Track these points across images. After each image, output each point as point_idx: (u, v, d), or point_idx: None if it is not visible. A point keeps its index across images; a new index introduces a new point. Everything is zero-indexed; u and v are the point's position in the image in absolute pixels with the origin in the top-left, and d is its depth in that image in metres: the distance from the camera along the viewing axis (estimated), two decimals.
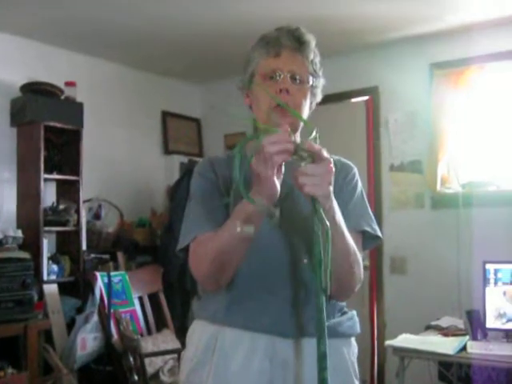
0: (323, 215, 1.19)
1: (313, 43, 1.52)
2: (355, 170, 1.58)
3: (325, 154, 1.19)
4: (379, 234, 1.52)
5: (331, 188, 1.22)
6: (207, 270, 1.37)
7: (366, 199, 1.58)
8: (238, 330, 1.42)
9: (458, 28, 3.80)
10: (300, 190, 1.19)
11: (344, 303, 1.53)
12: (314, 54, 1.52)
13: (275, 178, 1.20)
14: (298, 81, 1.46)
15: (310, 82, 1.49)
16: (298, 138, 1.50)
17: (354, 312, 1.55)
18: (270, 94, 1.41)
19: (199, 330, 1.49)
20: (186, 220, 1.49)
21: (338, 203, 1.38)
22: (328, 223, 1.18)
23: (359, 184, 1.57)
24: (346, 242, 1.34)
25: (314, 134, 1.21)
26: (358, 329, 1.53)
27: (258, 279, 1.42)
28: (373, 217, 1.55)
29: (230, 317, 1.43)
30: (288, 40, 1.47)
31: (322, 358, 1.21)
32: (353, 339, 1.53)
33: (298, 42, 1.48)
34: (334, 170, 1.21)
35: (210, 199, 1.47)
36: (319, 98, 1.56)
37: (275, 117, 1.41)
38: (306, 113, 1.50)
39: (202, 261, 1.38)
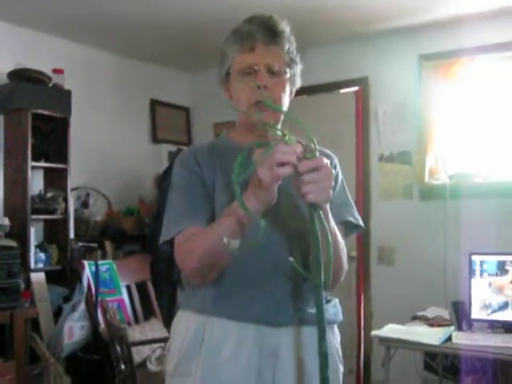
0: (322, 217, 1.23)
1: (287, 31, 1.49)
2: (336, 159, 1.61)
3: (324, 160, 1.21)
4: (361, 223, 1.58)
5: (331, 192, 1.24)
6: (194, 266, 1.38)
7: (346, 188, 1.61)
8: (227, 321, 1.43)
9: (448, 20, 3.81)
10: (302, 198, 1.22)
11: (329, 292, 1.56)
12: (289, 43, 1.50)
13: (275, 187, 1.23)
14: (275, 74, 1.46)
15: (288, 74, 1.49)
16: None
17: (337, 300, 1.58)
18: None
19: (186, 320, 1.49)
20: (168, 212, 1.49)
21: None
22: (326, 225, 1.23)
23: (340, 174, 1.60)
24: (335, 236, 1.38)
25: (313, 142, 1.21)
26: (341, 316, 1.57)
27: (245, 274, 1.43)
28: (354, 205, 1.59)
29: (217, 307, 1.43)
30: (261, 33, 1.45)
31: (323, 357, 1.24)
32: (335, 326, 1.57)
33: (271, 34, 1.46)
34: (333, 172, 1.24)
35: (193, 191, 1.47)
36: (299, 83, 1.56)
37: (258, 113, 1.42)
38: (286, 103, 1.50)
39: (188, 257, 1.38)
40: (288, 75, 1.49)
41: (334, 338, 1.55)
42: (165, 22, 3.93)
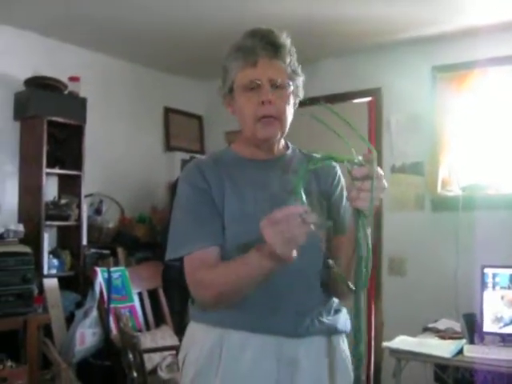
0: (366, 225, 1.24)
1: (288, 44, 1.50)
2: (337, 168, 1.62)
3: (380, 172, 1.24)
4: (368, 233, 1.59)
5: (378, 203, 1.26)
6: (211, 298, 1.41)
7: None
8: (245, 333, 1.43)
9: (462, 31, 3.80)
10: (351, 202, 1.24)
11: (337, 301, 1.57)
12: (290, 55, 1.50)
13: None
14: (278, 87, 1.46)
15: (291, 86, 1.49)
16: (281, 141, 1.57)
17: (345, 309, 1.59)
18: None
19: (201, 333, 1.49)
20: (174, 229, 1.49)
21: (331, 211, 1.51)
22: (369, 233, 1.24)
23: (343, 183, 1.61)
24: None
25: (373, 155, 1.24)
26: (349, 324, 1.58)
27: (263, 286, 1.42)
28: None
29: (235, 320, 1.44)
30: (263, 48, 1.45)
31: (358, 361, 1.27)
32: (345, 336, 1.57)
33: (273, 48, 1.47)
34: (386, 186, 1.26)
35: (201, 210, 1.46)
36: (301, 94, 1.56)
37: (261, 127, 1.45)
38: (290, 116, 1.51)
39: (206, 289, 1.40)
40: (291, 88, 1.49)
41: (345, 346, 1.56)
42: (180, 32, 3.97)
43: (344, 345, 1.55)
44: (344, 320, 1.55)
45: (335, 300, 1.55)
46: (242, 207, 1.44)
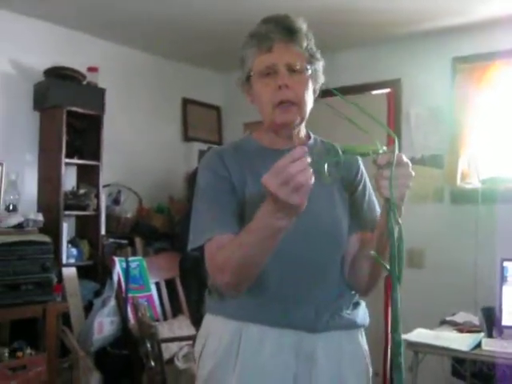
0: (396, 214, 1.21)
1: (304, 28, 1.47)
2: (360, 162, 1.59)
3: (404, 158, 1.22)
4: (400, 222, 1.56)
5: (406, 191, 1.24)
6: (229, 278, 1.33)
7: (372, 189, 1.58)
8: (264, 327, 1.42)
9: (483, 22, 3.75)
10: (379, 192, 1.23)
11: (356, 295, 1.56)
12: (307, 40, 1.47)
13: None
14: (296, 72, 1.43)
15: (309, 71, 1.46)
16: (302, 130, 1.53)
17: (364, 303, 1.58)
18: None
19: (219, 327, 1.48)
20: (196, 218, 1.46)
21: (354, 205, 1.50)
22: (400, 222, 1.21)
23: (366, 176, 1.58)
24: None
25: (396, 143, 1.22)
26: (368, 319, 1.57)
27: (283, 279, 1.42)
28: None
29: (255, 314, 1.43)
30: (278, 33, 1.43)
31: (397, 346, 1.22)
32: (363, 329, 1.57)
33: (288, 32, 1.43)
34: (413, 174, 1.24)
35: (222, 197, 1.44)
36: (322, 80, 1.52)
37: (279, 113, 1.43)
38: (310, 101, 1.48)
39: (224, 269, 1.32)
40: (309, 72, 1.46)
41: (363, 340, 1.55)
42: (199, 23, 3.96)
43: (362, 339, 1.54)
44: (363, 314, 1.54)
45: (354, 294, 1.54)
46: (263, 193, 1.42)
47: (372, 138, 1.22)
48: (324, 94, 1.56)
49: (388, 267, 1.21)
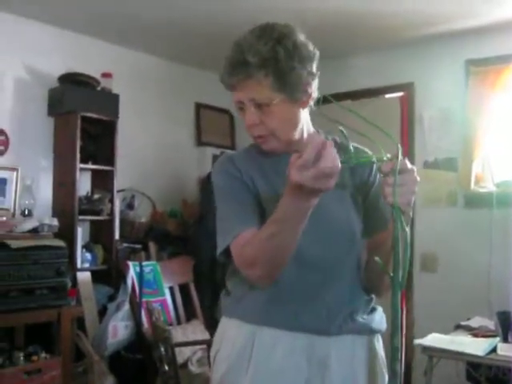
0: (403, 220, 1.22)
1: (263, 51, 1.37)
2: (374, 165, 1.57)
3: (409, 165, 1.22)
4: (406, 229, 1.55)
5: (413, 198, 1.24)
6: (261, 271, 1.33)
7: None
8: (277, 330, 1.42)
9: (497, 24, 3.74)
10: (384, 199, 1.23)
11: (374, 300, 1.55)
12: (265, 67, 1.36)
13: None
14: (262, 105, 1.39)
15: (278, 97, 1.37)
16: (304, 132, 1.50)
17: (381, 308, 1.57)
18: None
19: (233, 329, 1.49)
20: (220, 222, 1.47)
21: (369, 206, 1.49)
22: (407, 229, 1.22)
23: (379, 177, 1.55)
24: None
25: (399, 151, 1.22)
26: (385, 324, 1.55)
27: (296, 282, 1.42)
28: None
29: (268, 316, 1.43)
30: (233, 74, 1.40)
31: (395, 351, 1.23)
32: (380, 335, 1.55)
33: (241, 70, 1.38)
34: (418, 179, 1.24)
35: (240, 196, 1.45)
36: (315, 83, 1.45)
37: (261, 143, 1.45)
38: (289, 123, 1.43)
39: (254, 263, 1.33)
40: (280, 97, 1.37)
41: (380, 346, 1.54)
42: (211, 28, 3.97)
43: (378, 344, 1.53)
44: (379, 319, 1.53)
45: (371, 298, 1.53)
46: (275, 190, 1.42)
47: (379, 146, 1.22)
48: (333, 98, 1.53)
49: (391, 274, 1.22)
